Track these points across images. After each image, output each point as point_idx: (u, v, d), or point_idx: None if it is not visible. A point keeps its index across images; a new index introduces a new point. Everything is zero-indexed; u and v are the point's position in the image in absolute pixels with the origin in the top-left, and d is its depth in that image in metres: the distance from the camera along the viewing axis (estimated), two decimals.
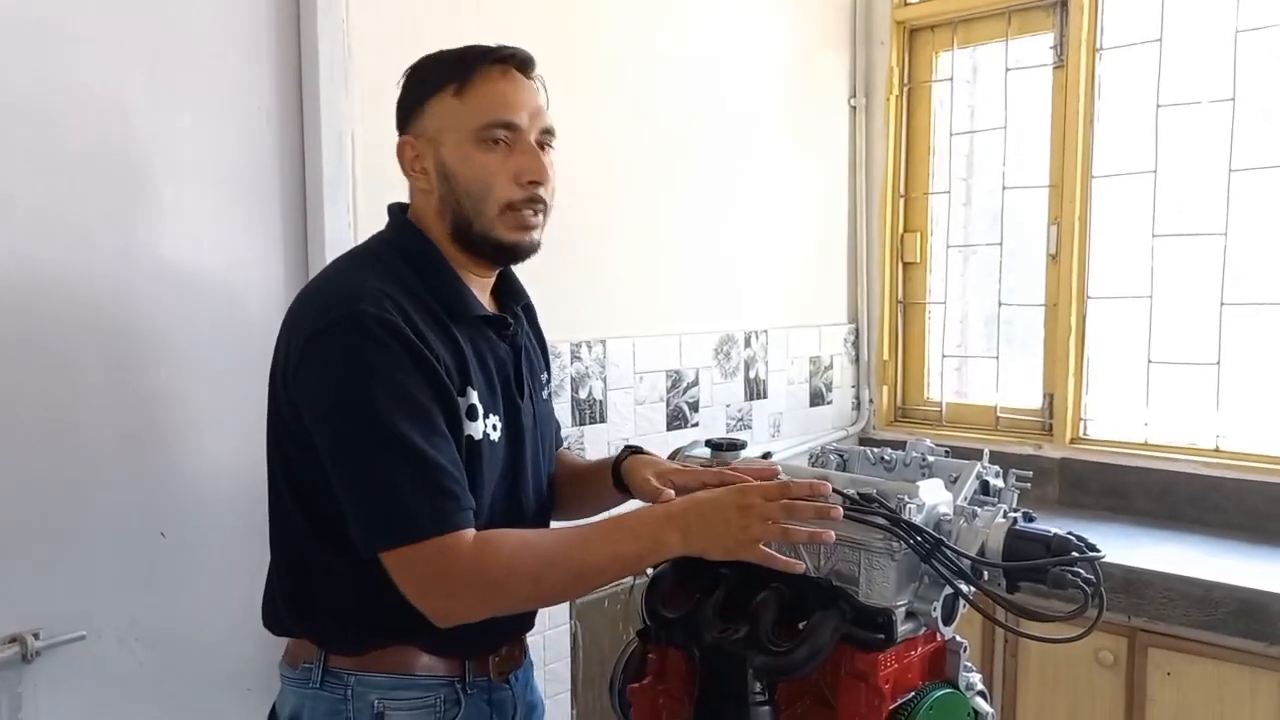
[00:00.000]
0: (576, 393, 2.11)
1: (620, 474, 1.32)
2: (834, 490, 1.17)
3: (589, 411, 2.14)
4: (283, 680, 1.21)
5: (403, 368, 1.05)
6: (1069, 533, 1.09)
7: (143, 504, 1.49)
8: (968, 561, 1.09)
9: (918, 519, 1.11)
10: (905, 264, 2.93)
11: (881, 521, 1.11)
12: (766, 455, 1.38)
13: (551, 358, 2.05)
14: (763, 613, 1.13)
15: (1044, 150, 2.63)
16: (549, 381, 1.40)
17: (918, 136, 2.89)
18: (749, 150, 2.55)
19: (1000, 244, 2.73)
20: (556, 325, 1.46)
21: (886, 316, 2.93)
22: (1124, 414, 2.53)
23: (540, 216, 1.19)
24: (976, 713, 1.23)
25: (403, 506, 1.03)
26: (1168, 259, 2.44)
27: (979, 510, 1.16)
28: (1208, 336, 2.36)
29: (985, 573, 1.10)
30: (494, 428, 1.16)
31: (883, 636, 1.10)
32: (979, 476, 1.26)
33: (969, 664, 1.25)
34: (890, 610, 1.10)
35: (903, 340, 2.96)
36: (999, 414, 2.75)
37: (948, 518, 1.15)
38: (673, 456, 1.39)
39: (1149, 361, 2.46)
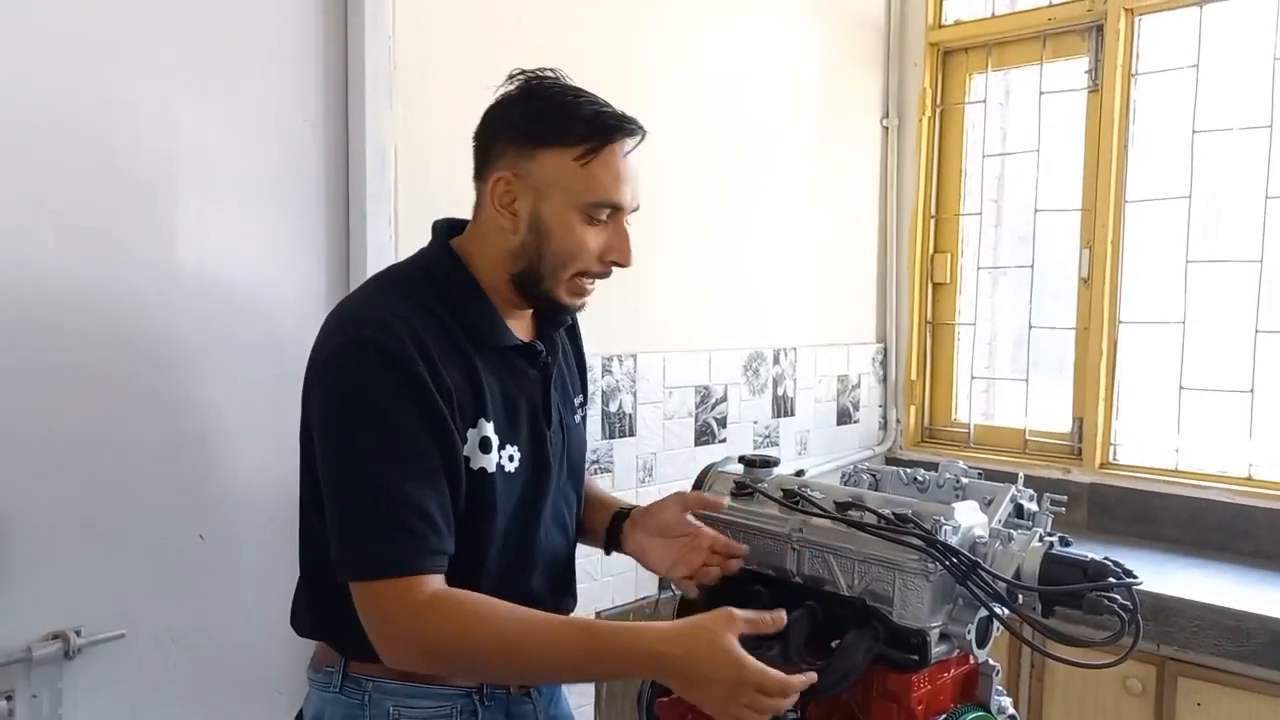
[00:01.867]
0: (607, 406, 2.12)
1: (618, 541, 1.35)
2: (869, 509, 1.18)
3: (619, 425, 2.15)
4: (309, 682, 1.23)
5: (395, 399, 1.03)
6: (1105, 558, 1.09)
7: (182, 508, 1.52)
8: (1004, 585, 1.09)
9: (953, 541, 1.12)
10: (935, 284, 2.93)
11: (917, 542, 1.11)
12: (799, 473, 1.38)
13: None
14: (795, 631, 1.14)
15: (1077, 174, 2.62)
16: (585, 403, 1.38)
17: (949, 158, 2.89)
18: (782, 168, 2.56)
19: (1031, 266, 2.72)
20: (588, 339, 1.47)
21: (915, 337, 2.93)
22: (1154, 440, 2.51)
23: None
24: None
25: (361, 542, 1.03)
26: (1201, 285, 2.42)
27: (1014, 533, 1.16)
28: (1241, 364, 2.34)
29: (1019, 596, 1.11)
30: (510, 459, 1.15)
31: (916, 658, 1.10)
32: (1013, 500, 1.26)
33: (1000, 687, 1.25)
34: (925, 631, 1.11)
35: (931, 361, 2.95)
36: (1027, 437, 2.74)
37: (983, 540, 1.16)
38: (705, 473, 1.39)
39: (1180, 388, 2.44)
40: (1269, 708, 1.87)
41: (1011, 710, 1.26)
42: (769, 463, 1.35)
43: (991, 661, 1.21)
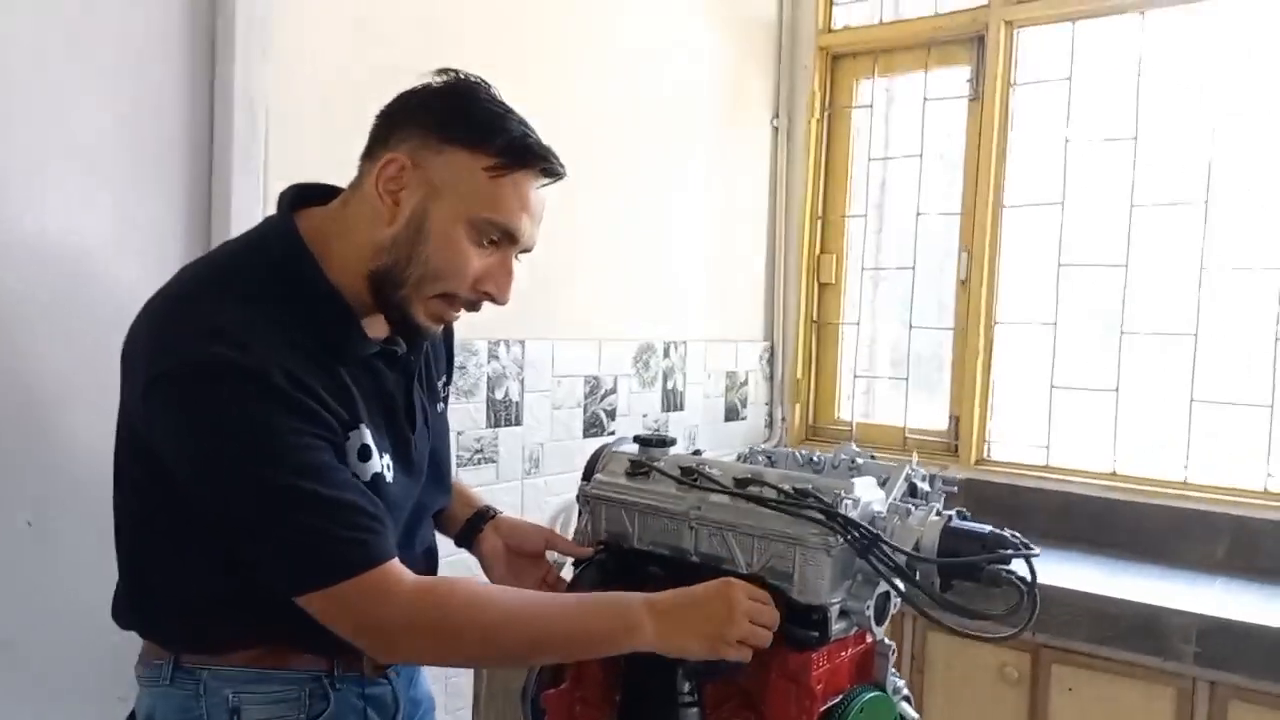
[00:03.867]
0: (492, 393, 2.03)
1: (472, 536, 1.32)
2: (769, 485, 1.14)
3: (505, 414, 2.06)
4: (138, 681, 1.11)
5: (271, 415, 0.93)
6: (1004, 529, 1.09)
7: (4, 489, 1.34)
8: (904, 557, 1.07)
9: (853, 515, 1.09)
10: (821, 284, 2.96)
11: (818, 516, 1.08)
12: (697, 452, 1.34)
13: (468, 355, 1.98)
14: None
15: (957, 179, 2.70)
16: (449, 381, 1.30)
17: (836, 160, 2.94)
18: (675, 162, 2.54)
19: (913, 268, 2.78)
20: (474, 322, 1.38)
21: (801, 335, 2.95)
22: (1026, 437, 2.60)
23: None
24: (903, 718, 1.21)
25: (315, 553, 0.93)
26: (1072, 288, 2.53)
27: (913, 508, 1.15)
28: (1107, 364, 2.45)
29: (917, 570, 1.09)
30: (388, 466, 1.07)
31: (817, 634, 1.07)
32: (908, 479, 1.25)
33: (894, 669, 1.23)
34: (825, 607, 1.07)
35: (816, 360, 2.98)
36: (907, 434, 2.79)
37: (881, 515, 1.13)
38: (599, 454, 1.33)
39: (1052, 386, 2.53)
40: (1130, 688, 1.94)
41: (906, 691, 1.24)
42: (665, 442, 1.31)
43: (887, 641, 1.19)
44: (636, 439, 1.32)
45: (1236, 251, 2.32)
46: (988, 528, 1.08)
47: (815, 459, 1.34)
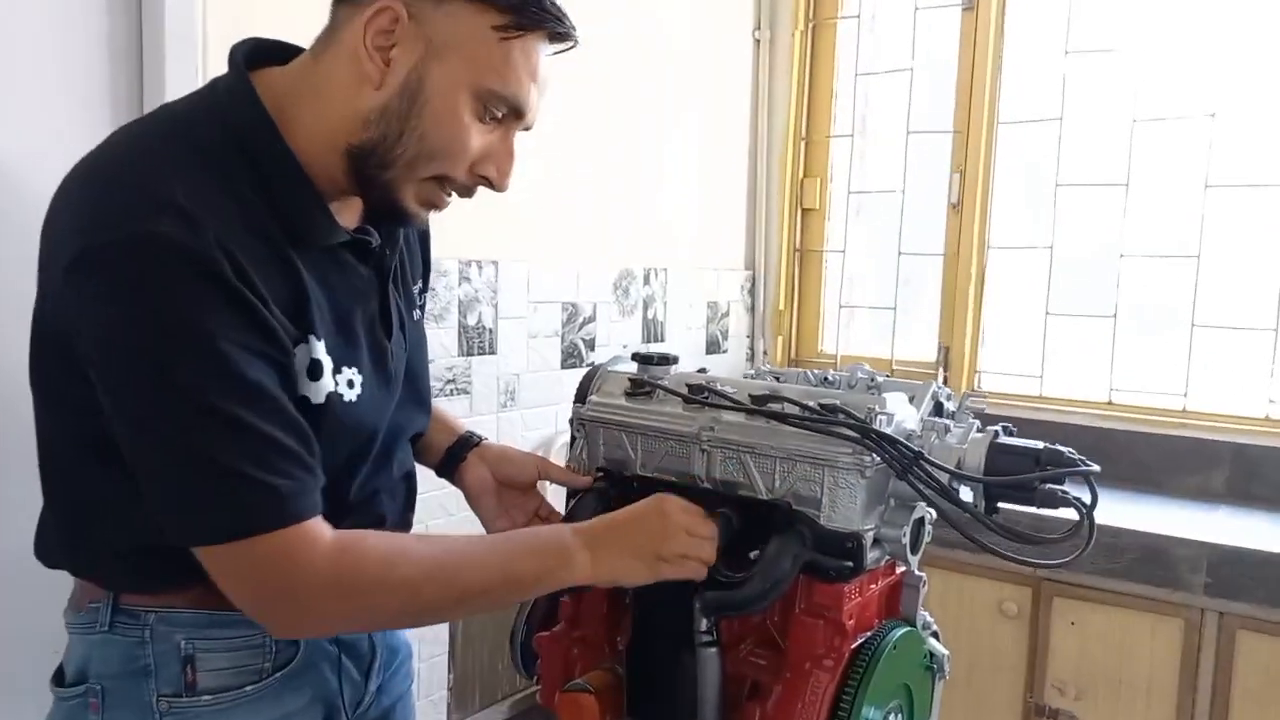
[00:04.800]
0: (464, 318, 1.88)
1: (455, 466, 1.16)
2: (791, 401, 1.02)
3: (478, 341, 1.91)
4: (68, 629, 0.95)
5: (214, 314, 0.77)
6: (1057, 445, 0.98)
7: None
8: (949, 477, 0.95)
9: (888, 432, 0.97)
10: (804, 210, 2.83)
11: (850, 434, 0.96)
12: (702, 370, 1.21)
13: (438, 275, 1.82)
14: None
15: (948, 96, 2.56)
16: (425, 289, 1.13)
17: (821, 76, 2.78)
18: (650, 77, 2.37)
19: (902, 191, 2.65)
20: (444, 240, 1.22)
21: (784, 265, 2.82)
22: (1019, 367, 2.51)
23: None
24: (931, 654, 1.11)
25: (222, 495, 0.78)
26: (1069, 209, 2.42)
27: (951, 425, 1.03)
28: (1105, 289, 2.36)
29: (960, 490, 0.98)
30: (349, 384, 0.90)
31: (851, 564, 0.95)
32: (934, 397, 1.13)
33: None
34: (859, 534, 0.96)
35: (799, 289, 2.86)
36: (894, 366, 2.69)
37: (916, 433, 1.02)
38: (592, 375, 1.20)
39: (1047, 314, 2.44)
40: (1137, 621, 1.88)
41: (935, 626, 1.14)
42: (667, 359, 1.17)
43: (918, 571, 1.08)
44: (635, 356, 1.18)
45: (1241, 170, 2.22)
46: (1040, 444, 0.97)
47: (830, 377, 1.21)
